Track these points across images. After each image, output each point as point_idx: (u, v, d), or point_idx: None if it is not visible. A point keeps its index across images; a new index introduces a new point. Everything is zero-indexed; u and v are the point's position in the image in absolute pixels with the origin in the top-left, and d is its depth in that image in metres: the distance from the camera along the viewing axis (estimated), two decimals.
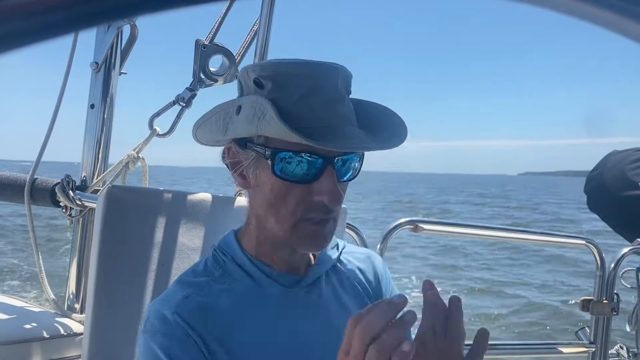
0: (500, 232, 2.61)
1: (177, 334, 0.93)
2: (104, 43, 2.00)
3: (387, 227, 2.07)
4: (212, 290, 1.00)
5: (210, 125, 1.02)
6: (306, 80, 0.90)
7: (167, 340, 0.93)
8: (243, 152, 0.97)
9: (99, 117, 2.04)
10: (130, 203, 1.59)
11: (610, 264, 2.42)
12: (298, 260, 1.05)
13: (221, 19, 1.97)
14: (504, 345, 2.55)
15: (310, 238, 0.96)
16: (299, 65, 0.92)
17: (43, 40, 0.22)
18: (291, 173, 0.91)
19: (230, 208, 1.73)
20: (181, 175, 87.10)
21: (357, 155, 0.97)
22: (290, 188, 0.93)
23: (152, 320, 0.97)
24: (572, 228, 22.07)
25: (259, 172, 0.95)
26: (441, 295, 0.88)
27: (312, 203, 0.93)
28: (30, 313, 2.05)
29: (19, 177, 2.13)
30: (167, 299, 0.99)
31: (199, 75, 1.92)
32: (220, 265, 1.04)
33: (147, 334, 0.96)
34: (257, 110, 0.89)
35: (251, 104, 0.92)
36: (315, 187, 0.92)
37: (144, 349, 0.95)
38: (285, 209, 0.94)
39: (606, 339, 2.45)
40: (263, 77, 0.92)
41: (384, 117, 1.02)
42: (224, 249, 1.05)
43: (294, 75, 0.90)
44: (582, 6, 0.28)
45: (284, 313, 1.01)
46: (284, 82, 0.90)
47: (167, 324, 0.94)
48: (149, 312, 0.99)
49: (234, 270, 1.03)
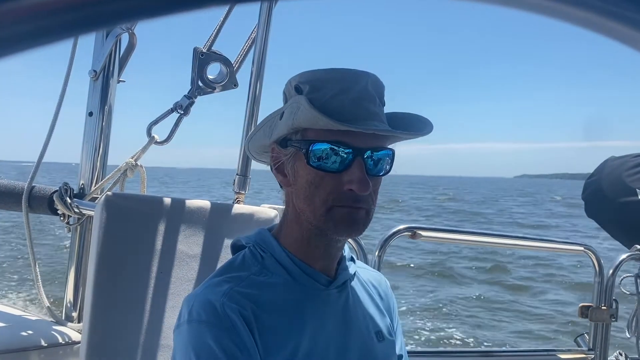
0: (498, 238, 2.61)
1: (226, 324, 0.95)
2: (103, 51, 2.01)
3: (385, 234, 2.07)
4: (252, 283, 1.02)
5: (260, 134, 1.11)
6: (338, 82, 0.99)
7: (217, 330, 0.94)
8: (284, 151, 1.04)
9: (97, 125, 2.04)
10: (128, 210, 1.59)
11: (609, 270, 2.42)
12: (330, 262, 1.09)
13: (219, 27, 1.97)
14: (503, 352, 2.54)
15: (344, 222, 1.00)
16: (333, 70, 1.02)
17: (42, 45, 0.22)
18: (323, 163, 0.98)
19: (228, 215, 1.73)
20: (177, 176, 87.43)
21: (387, 153, 1.03)
22: (323, 178, 0.99)
23: (198, 310, 0.96)
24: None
25: (297, 166, 1.03)
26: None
27: (342, 192, 0.99)
28: (28, 322, 2.04)
29: (16, 185, 2.13)
30: (210, 290, 1.00)
31: (197, 83, 1.93)
32: (258, 261, 1.06)
33: (192, 323, 0.96)
34: (294, 106, 1.00)
35: (290, 104, 1.02)
36: (344, 176, 0.99)
37: (188, 339, 0.95)
38: (319, 198, 1.00)
39: (605, 346, 2.45)
40: (302, 82, 1.02)
41: (413, 116, 1.10)
42: (262, 245, 1.08)
43: (328, 79, 1.00)
44: (575, 11, 0.28)
45: (321, 310, 1.05)
46: (319, 85, 0.99)
47: (215, 314, 0.95)
48: (193, 302, 0.99)
49: (273, 265, 1.06)
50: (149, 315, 1.58)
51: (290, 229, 1.08)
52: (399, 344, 1.20)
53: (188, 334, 0.96)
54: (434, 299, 10.44)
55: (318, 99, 0.98)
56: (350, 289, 1.12)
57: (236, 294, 0.98)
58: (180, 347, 0.97)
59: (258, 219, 1.73)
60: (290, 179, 1.05)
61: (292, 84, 1.04)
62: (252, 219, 1.73)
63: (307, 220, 1.03)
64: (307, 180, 1.01)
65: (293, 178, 1.04)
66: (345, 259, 1.14)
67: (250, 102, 1.89)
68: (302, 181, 1.02)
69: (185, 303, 1.01)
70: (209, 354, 0.92)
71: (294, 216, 1.07)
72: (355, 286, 1.15)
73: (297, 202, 1.05)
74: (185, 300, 1.02)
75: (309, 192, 1.01)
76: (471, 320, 9.19)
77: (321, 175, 0.99)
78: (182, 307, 1.02)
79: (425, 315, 9.21)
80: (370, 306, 1.16)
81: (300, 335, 1.00)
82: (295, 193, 1.05)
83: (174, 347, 1.01)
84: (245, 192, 1.88)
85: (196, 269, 1.65)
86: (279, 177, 1.08)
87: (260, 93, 1.91)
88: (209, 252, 1.67)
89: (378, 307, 1.18)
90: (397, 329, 1.21)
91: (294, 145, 1.02)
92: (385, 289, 1.24)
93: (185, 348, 0.95)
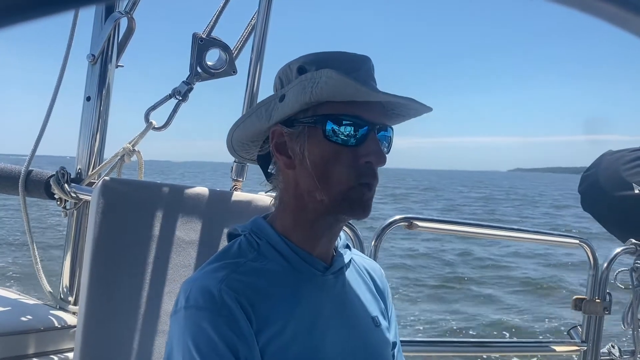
0: (494, 230, 2.61)
1: (223, 311, 0.94)
2: (101, 35, 1.99)
3: (381, 224, 2.07)
4: (249, 269, 1.02)
5: (252, 120, 1.09)
6: (347, 62, 1.01)
7: (214, 316, 0.93)
8: (290, 130, 1.03)
9: (95, 110, 2.03)
10: (125, 196, 1.59)
11: (603, 263, 2.44)
12: (327, 247, 1.09)
13: (219, 13, 1.96)
14: (497, 343, 2.56)
15: (361, 203, 1.02)
16: (334, 52, 1.04)
17: (42, 16, 0.22)
18: (340, 135, 0.99)
19: (227, 202, 1.73)
20: (174, 169, 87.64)
21: (391, 132, 1.07)
22: (339, 152, 1.00)
23: (196, 296, 0.96)
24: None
25: (309, 143, 1.01)
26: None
27: (361, 166, 1.00)
28: (25, 305, 2.05)
29: (13, 168, 2.12)
30: (207, 276, 1.00)
31: (196, 69, 1.92)
32: (254, 248, 1.06)
33: (190, 309, 0.95)
34: (308, 83, 0.99)
35: (299, 82, 1.01)
36: (361, 149, 1.00)
37: (185, 325, 0.94)
38: (336, 176, 1.00)
39: (598, 338, 2.47)
40: (307, 63, 1.02)
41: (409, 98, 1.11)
42: (257, 232, 1.08)
43: (335, 58, 1.02)
44: None
45: (318, 296, 1.05)
46: (328, 64, 0.99)
47: (213, 300, 0.94)
48: (190, 289, 0.98)
49: (269, 252, 1.06)
50: (146, 301, 1.58)
51: (287, 215, 1.07)
52: (392, 332, 1.20)
53: (185, 320, 0.95)
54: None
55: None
56: (346, 275, 1.13)
57: (233, 280, 0.98)
58: (176, 333, 0.96)
59: (256, 206, 1.73)
60: (295, 159, 1.04)
61: (294, 67, 1.04)
62: (249, 206, 1.73)
63: (315, 200, 1.02)
64: (322, 157, 1.00)
65: (301, 157, 1.03)
66: (341, 245, 1.14)
67: (249, 89, 1.88)
68: (316, 158, 1.01)
69: (182, 289, 1.00)
70: (206, 340, 0.92)
71: (294, 200, 1.06)
72: (351, 273, 1.15)
73: (304, 185, 1.03)
74: (183, 287, 1.01)
75: (324, 169, 1.00)
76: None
77: (337, 149, 1.00)
78: (179, 293, 1.01)
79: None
80: (366, 292, 1.16)
81: (298, 321, 1.00)
82: (301, 174, 1.04)
83: (169, 333, 1.00)
84: (243, 180, 1.88)
85: (193, 255, 1.65)
86: (281, 159, 1.06)
87: (260, 80, 1.90)
88: (206, 238, 1.67)
89: (373, 294, 1.18)
90: (391, 316, 1.22)
91: (304, 122, 1.01)
92: (380, 276, 1.25)
93: (182, 334, 0.95)
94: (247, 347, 0.93)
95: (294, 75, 1.04)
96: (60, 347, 1.90)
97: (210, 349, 0.91)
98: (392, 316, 1.23)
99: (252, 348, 0.94)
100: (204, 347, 0.91)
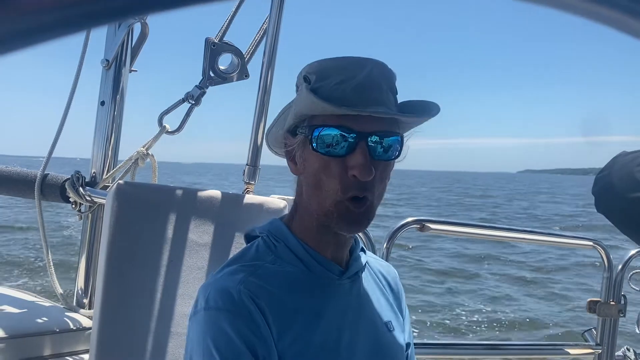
0: (507, 232, 2.60)
1: (243, 312, 0.95)
2: (115, 41, 2.02)
3: (393, 226, 2.07)
4: (267, 272, 1.03)
5: (277, 126, 1.13)
6: (343, 70, 1.00)
7: (234, 317, 0.94)
8: (293, 139, 1.06)
9: (109, 114, 2.06)
10: (139, 199, 1.60)
11: (618, 265, 2.42)
12: (341, 252, 1.10)
13: (231, 18, 1.98)
14: (509, 345, 2.54)
15: (346, 217, 1.00)
16: (339, 59, 1.03)
17: (55, 38, 0.23)
18: (327, 148, 0.99)
19: (239, 205, 1.74)
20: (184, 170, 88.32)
21: (396, 138, 1.02)
22: (328, 163, 0.99)
23: (215, 298, 0.97)
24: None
25: (305, 152, 1.04)
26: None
27: (348, 180, 0.98)
28: (41, 307, 2.08)
29: (29, 173, 2.15)
30: (226, 278, 1.01)
31: (209, 73, 1.94)
32: (272, 250, 1.07)
33: (210, 310, 0.96)
34: (297, 96, 1.04)
35: (298, 94, 1.05)
36: (348, 161, 0.98)
37: (206, 325, 0.95)
38: (326, 187, 1.00)
39: (613, 341, 2.44)
40: (310, 72, 1.03)
41: (424, 102, 1.08)
42: (275, 235, 1.09)
43: (333, 67, 1.01)
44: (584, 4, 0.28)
45: (334, 300, 1.06)
46: (325, 74, 1.01)
47: (232, 301, 0.95)
48: (210, 290, 0.99)
49: (286, 255, 1.07)
50: (159, 303, 1.60)
51: (302, 218, 1.09)
52: (407, 334, 1.21)
53: (205, 321, 0.96)
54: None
55: (324, 87, 0.99)
56: (361, 279, 1.13)
57: (251, 283, 0.99)
58: (196, 334, 0.97)
59: (267, 209, 1.74)
60: (300, 166, 1.06)
61: (301, 75, 1.06)
62: (261, 209, 1.75)
63: (314, 210, 1.04)
64: (314, 168, 1.01)
65: (302, 166, 1.05)
66: (357, 249, 1.15)
67: (261, 93, 1.89)
68: (311, 169, 1.02)
69: (201, 291, 1.01)
70: (226, 340, 0.93)
71: (303, 204, 1.08)
72: (366, 277, 1.16)
73: (306, 193, 1.06)
74: (202, 288, 1.02)
75: (316, 180, 1.01)
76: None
77: (327, 160, 0.99)
78: (198, 295, 1.02)
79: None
80: (381, 297, 1.17)
81: (314, 324, 1.01)
82: (305, 181, 1.06)
83: (188, 334, 1.01)
84: (255, 183, 1.89)
85: (206, 258, 1.67)
86: (291, 165, 1.09)
87: (271, 84, 1.91)
88: (218, 241, 1.69)
89: (387, 298, 1.19)
90: (405, 318, 1.23)
91: (301, 132, 1.03)
92: (395, 279, 1.25)
93: (202, 335, 0.95)
94: (265, 348, 0.94)
95: (301, 84, 1.06)
96: (76, 348, 1.92)
97: (230, 350, 0.92)
98: (407, 318, 1.24)
99: (270, 349, 0.95)
100: (223, 348, 0.92)
